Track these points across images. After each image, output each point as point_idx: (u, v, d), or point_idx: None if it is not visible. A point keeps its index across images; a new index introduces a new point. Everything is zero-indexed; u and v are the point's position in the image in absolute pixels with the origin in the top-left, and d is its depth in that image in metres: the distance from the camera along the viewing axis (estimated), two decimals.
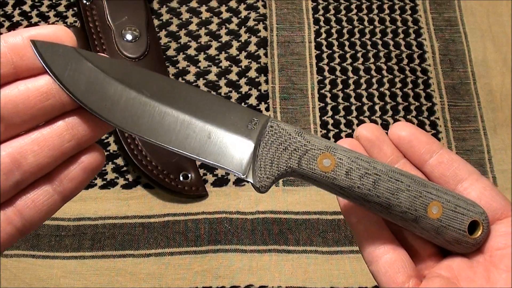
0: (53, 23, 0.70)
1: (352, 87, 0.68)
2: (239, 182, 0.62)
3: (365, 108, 0.67)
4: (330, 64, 0.69)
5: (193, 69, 0.68)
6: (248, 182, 0.34)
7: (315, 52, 0.70)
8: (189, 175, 0.61)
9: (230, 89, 0.67)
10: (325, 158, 0.35)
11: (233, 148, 0.34)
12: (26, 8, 0.71)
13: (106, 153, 0.63)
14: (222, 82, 0.67)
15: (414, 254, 0.38)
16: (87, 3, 0.66)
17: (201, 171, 0.63)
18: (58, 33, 0.31)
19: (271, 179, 0.35)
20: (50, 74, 0.30)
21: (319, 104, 0.67)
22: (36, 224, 0.31)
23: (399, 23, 0.72)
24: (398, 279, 0.36)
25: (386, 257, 0.37)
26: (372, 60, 0.69)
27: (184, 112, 0.33)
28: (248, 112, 0.35)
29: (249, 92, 0.67)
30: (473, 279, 0.36)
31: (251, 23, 0.71)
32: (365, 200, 0.35)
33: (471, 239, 0.36)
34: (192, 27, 0.71)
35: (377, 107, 0.67)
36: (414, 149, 0.38)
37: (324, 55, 0.70)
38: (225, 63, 0.68)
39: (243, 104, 0.66)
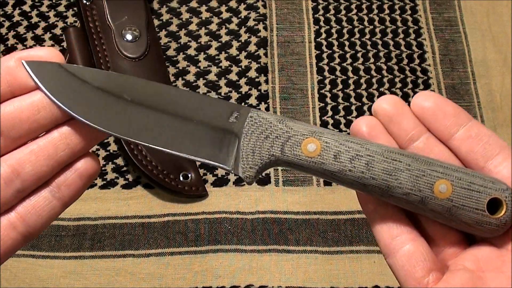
0: (52, 23, 0.70)
1: (352, 87, 0.68)
2: (239, 182, 0.62)
3: (365, 108, 0.67)
4: (330, 64, 0.69)
5: (193, 69, 0.68)
6: (233, 174, 0.35)
7: (315, 52, 0.70)
8: (189, 175, 0.61)
9: (230, 89, 0.67)
10: (310, 143, 0.34)
11: (216, 142, 0.34)
12: (26, 8, 0.71)
13: (106, 153, 0.63)
14: (222, 82, 0.67)
15: (436, 242, 0.36)
16: (87, 3, 0.66)
17: (201, 171, 0.63)
18: (48, 54, 0.34)
19: (254, 168, 0.34)
20: (41, 89, 0.33)
21: (319, 104, 0.67)
22: (38, 229, 0.33)
23: (399, 23, 0.72)
24: (416, 274, 0.34)
25: (404, 249, 0.34)
26: (372, 60, 0.69)
27: (164, 111, 0.34)
28: (228, 105, 0.35)
29: (249, 92, 0.67)
30: (502, 269, 0.33)
31: (251, 23, 0.71)
32: (361, 184, 0.34)
33: (494, 219, 0.33)
34: (192, 27, 0.71)
35: None
36: (439, 121, 0.35)
37: (324, 55, 0.70)
38: (225, 63, 0.68)
39: (243, 104, 0.66)
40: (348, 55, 0.70)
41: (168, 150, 0.34)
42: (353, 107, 0.67)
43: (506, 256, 0.34)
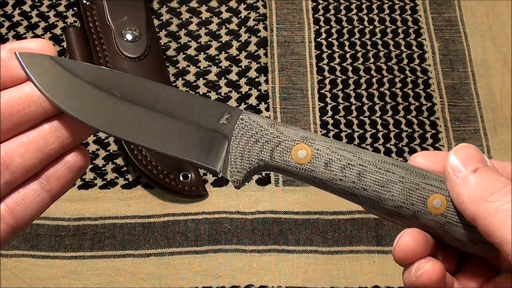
0: (52, 23, 0.70)
1: (352, 87, 0.68)
2: None
3: (365, 108, 0.67)
4: (330, 64, 0.69)
5: (193, 69, 0.68)
6: (222, 177, 0.34)
7: (315, 52, 0.70)
8: (189, 175, 0.61)
9: (230, 89, 0.67)
10: (300, 149, 0.33)
11: (205, 143, 0.34)
12: (26, 8, 0.71)
13: (106, 153, 0.63)
14: (222, 82, 0.67)
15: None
16: (87, 3, 0.66)
17: (201, 171, 0.63)
18: (40, 46, 0.33)
19: (242, 173, 0.33)
20: (32, 82, 0.32)
21: (319, 104, 0.67)
22: (27, 221, 0.33)
23: (399, 23, 0.72)
24: None
25: None
26: (372, 60, 0.69)
27: (154, 109, 0.34)
28: (219, 106, 0.34)
29: (249, 92, 0.67)
30: None
31: (251, 23, 0.71)
32: (352, 194, 0.33)
33: None
34: (192, 27, 0.71)
35: (377, 107, 0.67)
36: None
37: (324, 55, 0.70)
38: (225, 63, 0.68)
39: (243, 104, 0.66)
40: (348, 55, 0.70)
41: (156, 149, 0.33)
42: (353, 107, 0.67)
43: None
